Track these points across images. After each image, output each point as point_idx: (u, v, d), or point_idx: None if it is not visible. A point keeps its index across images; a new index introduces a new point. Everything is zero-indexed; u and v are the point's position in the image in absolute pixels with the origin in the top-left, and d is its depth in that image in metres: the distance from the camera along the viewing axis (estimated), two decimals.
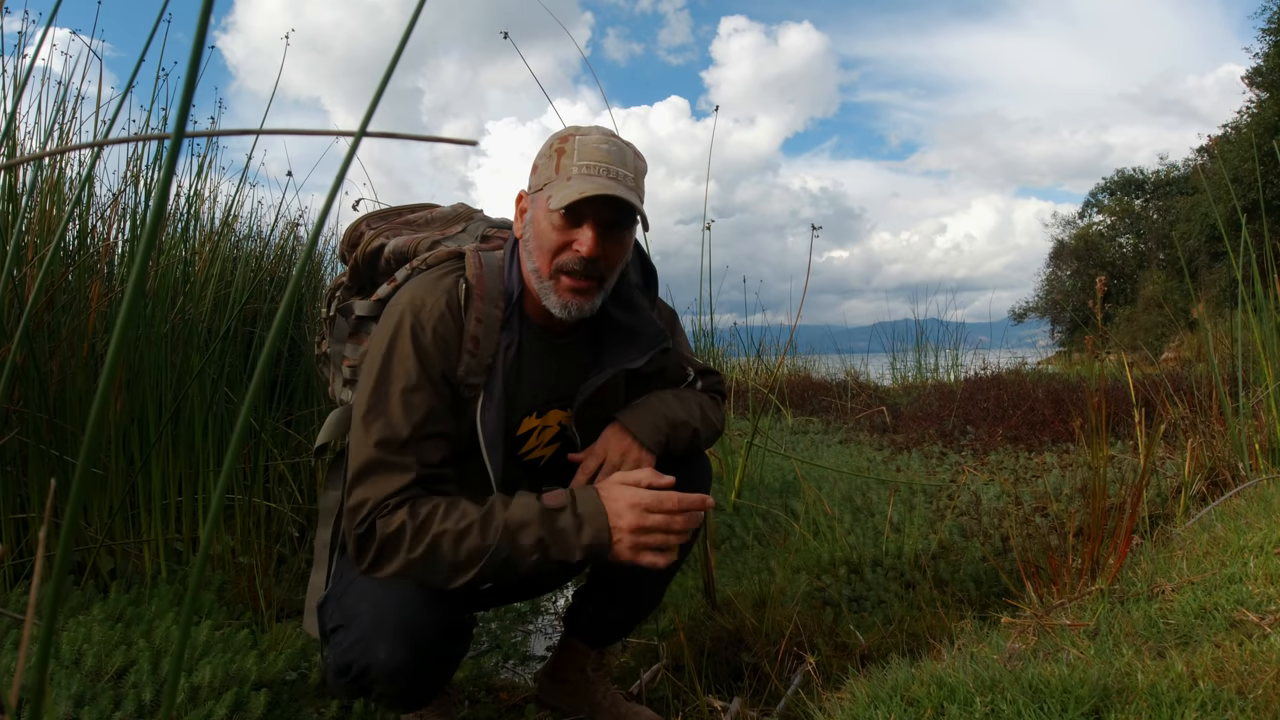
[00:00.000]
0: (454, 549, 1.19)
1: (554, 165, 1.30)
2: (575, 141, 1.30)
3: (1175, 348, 11.24)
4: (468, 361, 1.31)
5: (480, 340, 1.32)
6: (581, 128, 1.34)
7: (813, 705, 1.38)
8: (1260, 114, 15.22)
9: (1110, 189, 24.66)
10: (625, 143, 1.33)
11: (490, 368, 1.33)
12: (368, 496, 1.22)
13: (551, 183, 1.29)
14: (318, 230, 0.44)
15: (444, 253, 1.41)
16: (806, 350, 8.69)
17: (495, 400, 1.33)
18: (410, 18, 0.41)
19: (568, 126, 1.36)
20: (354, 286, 1.55)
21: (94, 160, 2.36)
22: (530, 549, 1.21)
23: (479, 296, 1.33)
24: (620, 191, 1.25)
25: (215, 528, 2.27)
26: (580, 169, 1.27)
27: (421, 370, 1.27)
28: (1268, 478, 2.24)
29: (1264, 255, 3.11)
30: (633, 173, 1.31)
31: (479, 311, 1.32)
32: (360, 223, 1.55)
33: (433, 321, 1.29)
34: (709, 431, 1.53)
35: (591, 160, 1.28)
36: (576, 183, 1.25)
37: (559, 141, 1.32)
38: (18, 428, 1.97)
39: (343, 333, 1.51)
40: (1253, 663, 1.17)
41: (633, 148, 1.34)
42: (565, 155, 1.29)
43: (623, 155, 1.30)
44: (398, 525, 1.20)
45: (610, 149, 1.29)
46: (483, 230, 1.52)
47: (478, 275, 1.34)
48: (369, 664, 1.23)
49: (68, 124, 2.50)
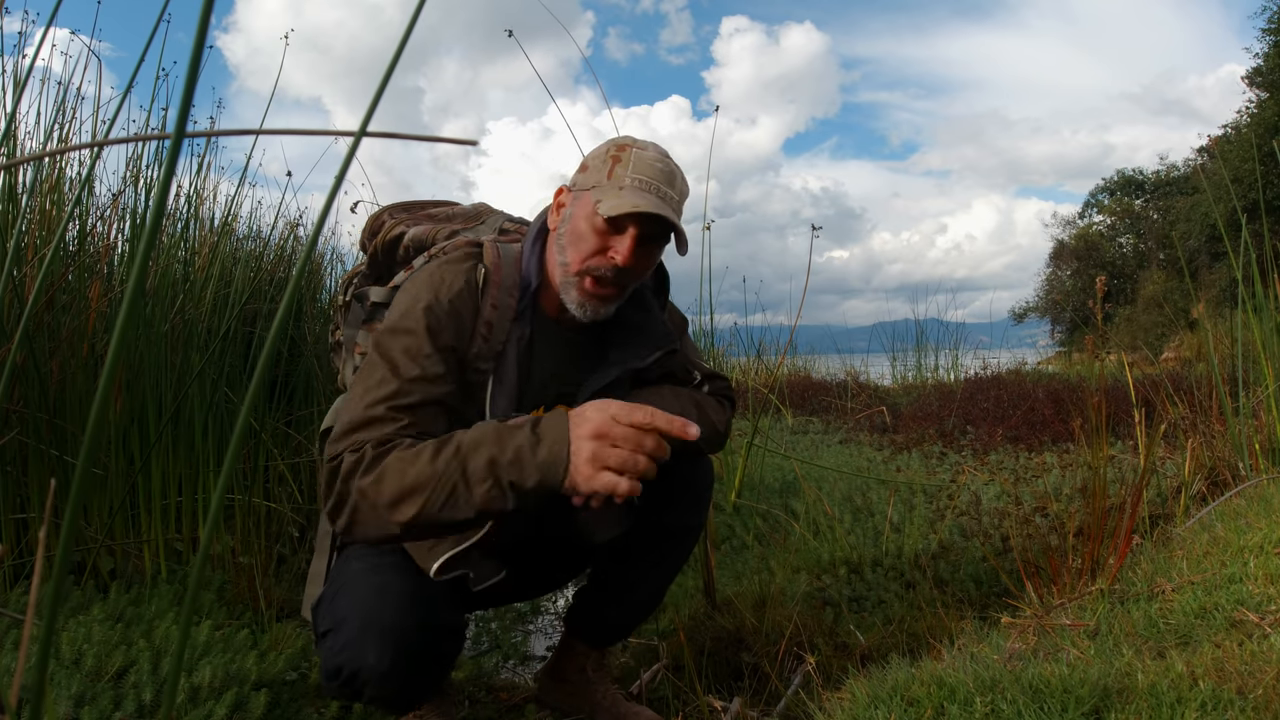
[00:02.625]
0: (399, 474, 1.12)
1: (607, 171, 1.32)
2: (632, 153, 1.33)
3: (1175, 348, 11.24)
4: (479, 345, 1.32)
5: (494, 326, 1.33)
6: (639, 141, 1.37)
7: (813, 705, 1.38)
8: (1260, 114, 15.22)
9: (1110, 189, 24.66)
10: (676, 165, 1.36)
11: (501, 355, 1.34)
12: (340, 448, 1.18)
13: (601, 186, 1.31)
14: (318, 230, 0.44)
15: (462, 242, 1.42)
16: (806, 350, 8.70)
17: (505, 387, 1.34)
18: (410, 17, 0.41)
19: (625, 136, 1.41)
20: (372, 274, 1.57)
21: (94, 160, 2.36)
22: (481, 472, 1.11)
23: (495, 284, 1.34)
24: (667, 212, 1.28)
25: (215, 528, 2.27)
26: (633, 181, 1.30)
27: (432, 338, 1.27)
28: (1268, 478, 2.24)
29: (1264, 255, 3.11)
30: (679, 196, 1.35)
31: (495, 298, 1.34)
32: (383, 212, 1.58)
33: (449, 296, 1.30)
34: (706, 431, 1.45)
35: (645, 175, 1.31)
36: (629, 195, 1.28)
37: (616, 149, 1.34)
38: (18, 428, 1.97)
39: (357, 318, 1.52)
40: (1253, 663, 1.17)
41: (681, 172, 1.37)
42: (620, 164, 1.32)
43: (673, 177, 1.34)
44: (358, 456, 1.15)
45: (664, 168, 1.33)
46: (501, 224, 1.54)
47: (495, 263, 1.36)
48: (359, 668, 1.22)
49: (68, 124, 2.50)
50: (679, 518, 1.55)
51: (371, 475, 1.13)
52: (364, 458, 1.15)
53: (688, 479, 1.56)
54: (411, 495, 1.12)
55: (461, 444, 1.14)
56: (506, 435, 1.13)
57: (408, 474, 1.12)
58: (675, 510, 1.54)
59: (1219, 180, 10.76)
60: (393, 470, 1.13)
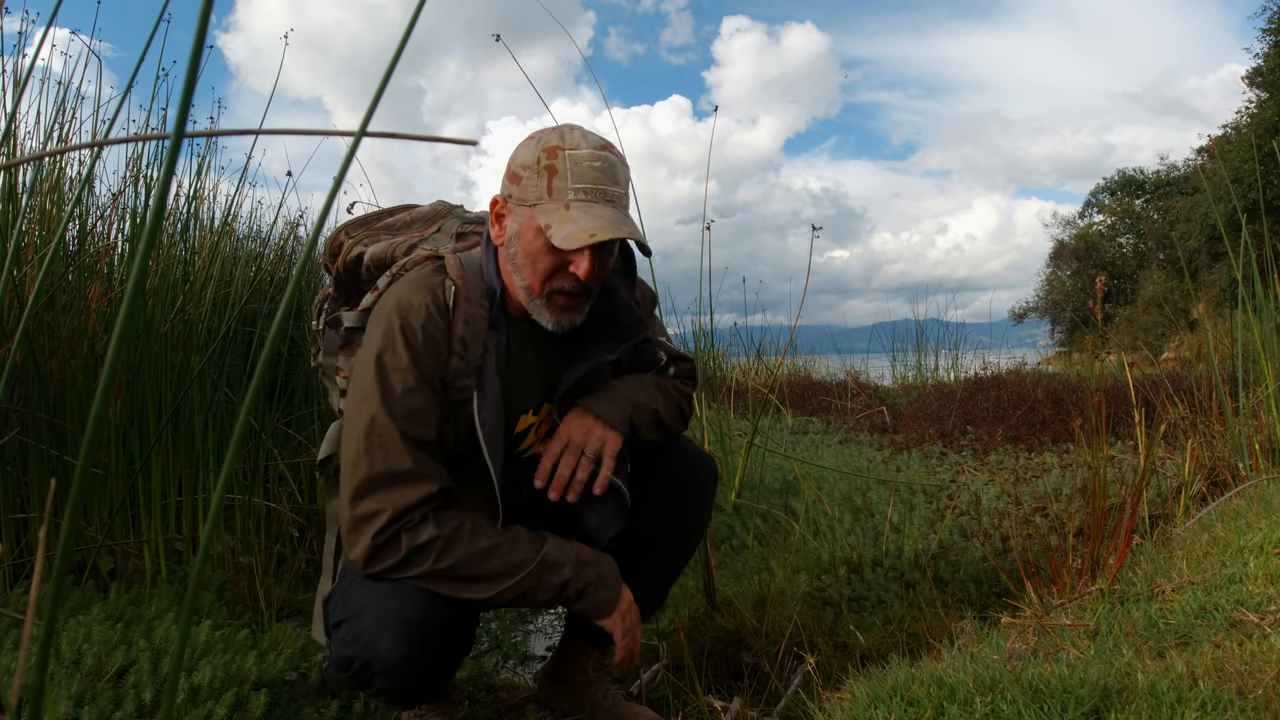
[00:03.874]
0: (479, 567, 1.25)
1: (545, 184, 1.26)
2: (565, 158, 1.25)
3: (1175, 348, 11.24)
4: (455, 364, 1.30)
5: (468, 342, 1.31)
6: (567, 136, 1.28)
7: (813, 705, 1.38)
8: (1260, 114, 15.20)
9: (1110, 189, 24.64)
10: (611, 151, 1.30)
11: (479, 369, 1.32)
12: (383, 507, 1.22)
13: (543, 204, 1.26)
14: (318, 230, 0.44)
15: (421, 256, 1.40)
16: (806, 350, 8.70)
17: (490, 399, 1.33)
18: (410, 17, 0.41)
19: (549, 129, 1.30)
20: (340, 297, 1.54)
21: (94, 160, 2.36)
22: (552, 589, 1.30)
23: (465, 298, 1.32)
24: (625, 230, 1.23)
25: (215, 528, 2.27)
26: (576, 194, 1.24)
27: (419, 374, 1.27)
28: (1268, 478, 2.24)
29: (1264, 255, 3.11)
30: (624, 188, 1.30)
31: (466, 313, 1.31)
32: (339, 232, 1.53)
33: (421, 322, 1.28)
34: (671, 413, 1.49)
35: (586, 183, 1.25)
36: (579, 217, 1.22)
37: (545, 155, 1.26)
38: (18, 428, 1.97)
39: (334, 345, 1.50)
40: (1253, 663, 1.17)
41: (617, 154, 1.31)
42: (557, 176, 1.25)
43: (613, 171, 1.28)
44: (427, 539, 1.22)
45: (602, 167, 1.26)
46: (457, 228, 1.50)
47: (461, 275, 1.33)
48: (371, 658, 1.23)
49: (68, 124, 2.50)
50: (681, 518, 1.55)
51: (446, 563, 1.24)
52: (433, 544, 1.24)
53: (690, 480, 1.56)
54: (484, 589, 1.27)
55: (547, 558, 1.30)
56: (582, 569, 1.33)
57: (486, 566, 1.26)
58: (677, 510, 1.54)
59: (1219, 180, 10.76)
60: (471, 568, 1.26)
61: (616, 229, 1.22)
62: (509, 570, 1.26)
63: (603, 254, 1.29)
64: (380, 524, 1.21)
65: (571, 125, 1.31)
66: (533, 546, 1.29)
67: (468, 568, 1.24)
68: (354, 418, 1.27)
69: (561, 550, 1.31)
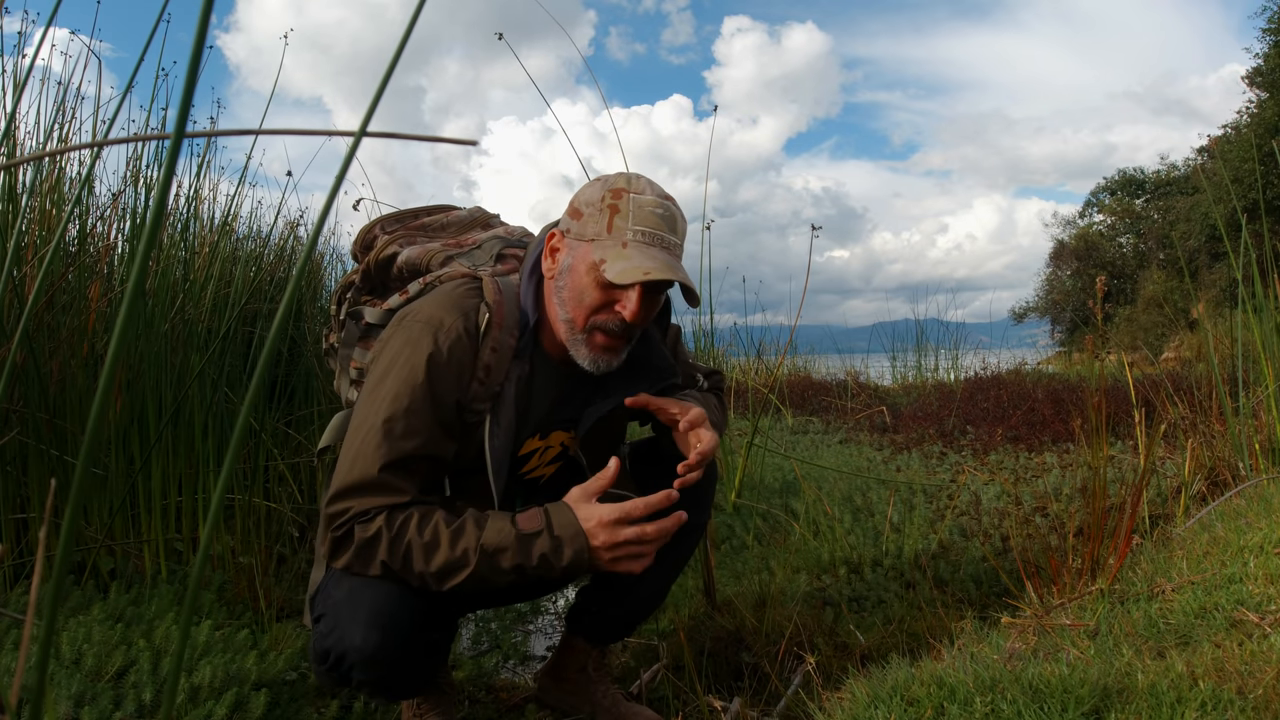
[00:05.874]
0: (425, 562, 1.21)
1: (605, 222, 1.27)
2: (629, 200, 1.28)
3: (1175, 348, 11.24)
4: (476, 389, 1.30)
5: (492, 369, 1.31)
6: (634, 182, 1.30)
7: (813, 705, 1.38)
8: (1260, 114, 15.20)
9: (1111, 189, 24.63)
10: (674, 204, 1.32)
11: (498, 395, 1.32)
12: (351, 506, 1.23)
13: (600, 240, 1.27)
14: (318, 230, 0.44)
15: (459, 272, 1.39)
16: (806, 350, 8.70)
17: (504, 426, 1.33)
18: (411, 17, 0.41)
19: (619, 175, 1.32)
20: (365, 288, 1.54)
21: (94, 160, 2.36)
22: (508, 570, 1.23)
23: (497, 325, 1.31)
24: (678, 274, 1.25)
25: (215, 528, 2.27)
26: (635, 235, 1.26)
27: (432, 393, 1.26)
28: (1268, 478, 2.24)
29: (1264, 255, 3.11)
30: (681, 239, 1.32)
31: (495, 341, 1.31)
32: (375, 225, 1.53)
33: (449, 343, 1.28)
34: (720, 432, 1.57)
35: (646, 226, 1.27)
36: (635, 255, 1.24)
37: (611, 195, 1.29)
38: (18, 428, 1.97)
39: (352, 337, 1.50)
40: (1253, 663, 1.17)
41: (679, 210, 1.34)
42: (619, 215, 1.27)
43: (674, 221, 1.30)
44: (375, 530, 1.21)
45: (663, 214, 1.28)
46: (499, 249, 1.49)
47: (497, 301, 1.32)
48: (344, 650, 1.24)
49: (68, 124, 2.50)
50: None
51: (396, 558, 1.21)
52: (379, 538, 1.21)
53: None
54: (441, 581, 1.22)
55: (485, 546, 1.21)
56: (528, 544, 1.22)
57: (431, 563, 1.21)
58: (678, 508, 1.54)
59: (1219, 180, 10.75)
60: (418, 560, 1.21)
61: (671, 271, 1.24)
62: (456, 563, 1.21)
63: (650, 300, 1.30)
64: (339, 520, 1.23)
65: (640, 174, 1.34)
66: (475, 534, 1.23)
67: (418, 561, 1.21)
68: (358, 424, 1.28)
69: (500, 533, 1.22)
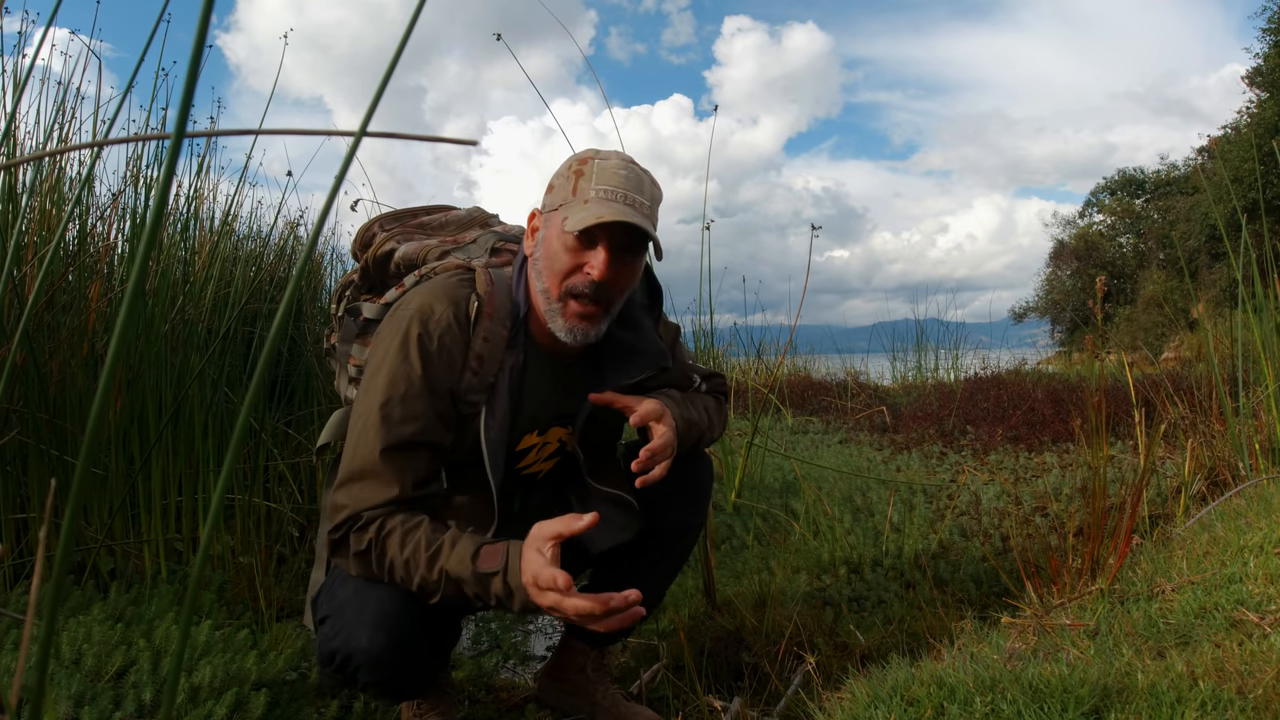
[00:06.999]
0: (406, 579, 1.22)
1: (571, 187, 1.30)
2: (594, 165, 1.30)
3: (1175, 348, 11.24)
4: (469, 379, 1.31)
5: (485, 359, 1.32)
6: (601, 151, 1.34)
7: (813, 705, 1.38)
8: (1260, 114, 15.19)
9: (1111, 189, 24.63)
10: (643, 170, 1.33)
11: (493, 386, 1.33)
12: (347, 503, 1.24)
13: (568, 204, 1.29)
14: (318, 230, 0.44)
15: (453, 264, 1.40)
16: (806, 350, 8.69)
17: (499, 418, 1.33)
18: (411, 17, 0.41)
19: (588, 149, 1.37)
20: (364, 286, 1.55)
21: (94, 160, 2.36)
22: (473, 599, 1.22)
23: (488, 315, 1.32)
24: (636, 219, 1.25)
25: (215, 528, 2.27)
26: (598, 193, 1.28)
27: (425, 380, 1.27)
28: (1268, 478, 2.24)
29: (1264, 255, 3.11)
30: (649, 200, 1.32)
31: (486, 330, 1.32)
32: (374, 223, 1.55)
33: (439, 331, 1.29)
34: (714, 434, 1.57)
35: (609, 185, 1.28)
36: (594, 206, 1.26)
37: (577, 164, 1.32)
38: (18, 428, 1.97)
39: (350, 333, 1.51)
40: (1253, 663, 1.17)
41: (650, 175, 1.34)
42: (583, 178, 1.29)
43: (640, 182, 1.31)
44: (366, 543, 1.23)
45: (628, 175, 1.30)
46: (493, 243, 1.51)
47: (489, 292, 1.33)
48: (351, 651, 1.24)
49: (68, 124, 2.50)
50: (679, 517, 1.56)
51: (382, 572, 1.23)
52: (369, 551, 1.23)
53: (687, 478, 1.56)
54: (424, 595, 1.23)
55: (448, 571, 1.19)
56: (486, 581, 1.19)
57: (412, 580, 1.21)
58: (675, 509, 1.55)
59: (1219, 180, 10.75)
60: (400, 575, 1.22)
61: (629, 216, 1.24)
62: (433, 584, 1.20)
63: (619, 261, 1.30)
64: (340, 519, 1.24)
65: (611, 149, 1.36)
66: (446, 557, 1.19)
67: (400, 578, 1.22)
68: (357, 415, 1.29)
69: (461, 564, 1.19)
